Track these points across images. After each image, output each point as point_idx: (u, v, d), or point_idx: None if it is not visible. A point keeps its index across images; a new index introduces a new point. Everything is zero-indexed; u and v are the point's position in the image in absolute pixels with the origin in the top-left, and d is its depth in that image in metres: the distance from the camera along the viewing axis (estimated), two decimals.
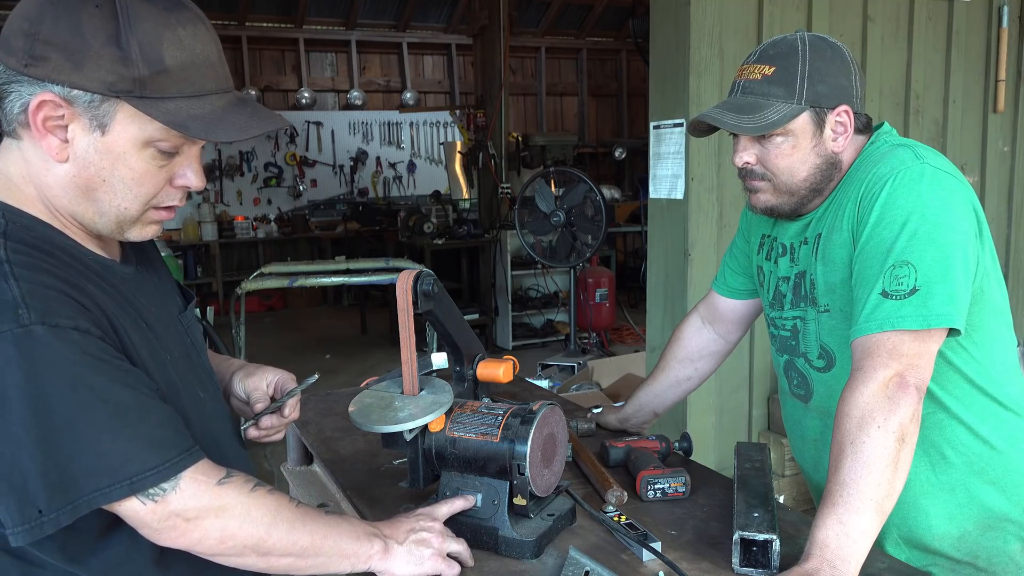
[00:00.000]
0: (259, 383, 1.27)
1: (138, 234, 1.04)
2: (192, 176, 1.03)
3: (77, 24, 0.91)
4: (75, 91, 0.92)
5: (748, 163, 1.41)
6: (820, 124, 1.37)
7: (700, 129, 1.46)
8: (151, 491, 0.91)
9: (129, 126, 0.95)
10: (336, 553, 1.06)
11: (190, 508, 0.94)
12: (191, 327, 1.19)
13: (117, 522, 0.96)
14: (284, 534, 1.01)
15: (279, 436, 1.29)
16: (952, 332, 1.24)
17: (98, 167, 0.96)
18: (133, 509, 0.92)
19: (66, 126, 0.94)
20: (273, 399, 1.27)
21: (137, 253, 1.14)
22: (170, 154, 0.99)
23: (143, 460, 0.91)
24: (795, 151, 1.37)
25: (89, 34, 0.91)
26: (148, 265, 1.16)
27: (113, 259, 1.07)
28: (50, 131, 0.94)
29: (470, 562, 1.21)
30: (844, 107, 1.37)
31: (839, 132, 1.38)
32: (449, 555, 1.18)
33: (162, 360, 1.04)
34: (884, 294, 1.23)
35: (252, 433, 1.25)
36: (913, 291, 1.22)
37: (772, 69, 1.35)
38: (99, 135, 0.95)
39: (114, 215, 1.00)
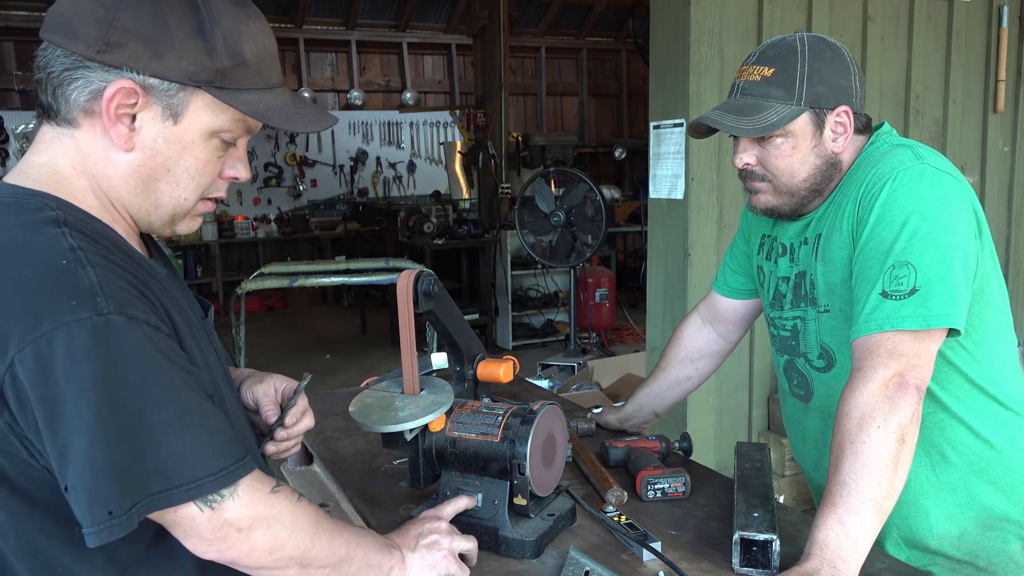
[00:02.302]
0: (268, 390, 1.25)
1: (187, 226, 1.04)
2: (241, 168, 1.04)
3: (159, 13, 0.91)
4: (152, 79, 0.92)
5: (748, 164, 1.41)
6: (820, 125, 1.37)
7: (700, 131, 1.46)
8: (209, 497, 0.88)
9: (202, 115, 0.96)
10: (365, 563, 1.05)
11: (245, 517, 0.91)
12: (211, 333, 1.17)
13: (160, 535, 0.93)
14: (326, 544, 0.99)
15: (296, 449, 1.26)
16: (952, 332, 1.24)
17: (165, 156, 0.96)
18: (189, 516, 0.88)
19: (134, 115, 0.93)
20: (282, 407, 1.25)
21: (161, 260, 1.12)
22: (229, 144, 1.01)
23: (204, 465, 0.87)
24: (795, 152, 1.37)
25: (173, 24, 0.92)
26: (171, 269, 1.14)
27: (151, 261, 1.06)
28: (119, 119, 0.93)
29: (474, 560, 1.21)
30: (844, 107, 1.37)
31: (839, 132, 1.38)
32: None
33: (208, 361, 1.03)
34: (884, 294, 1.23)
35: (270, 449, 1.22)
36: (913, 291, 1.22)
37: (771, 70, 1.35)
38: (171, 124, 0.95)
39: (171, 206, 1.00)
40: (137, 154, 0.95)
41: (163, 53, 0.92)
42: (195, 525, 0.89)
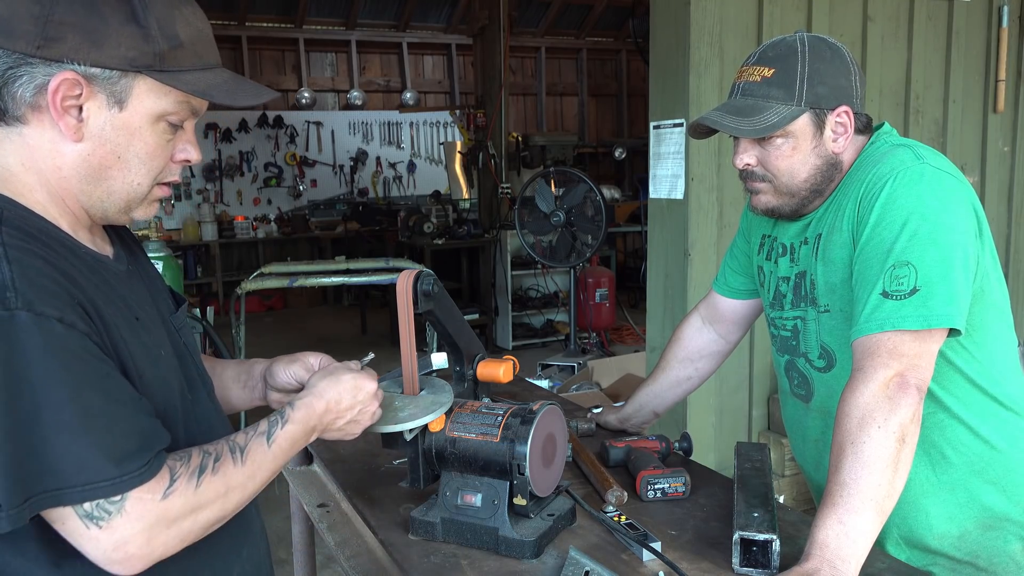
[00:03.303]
0: (306, 364, 1.27)
1: (143, 213, 1.06)
2: (192, 150, 1.07)
3: (92, 4, 0.94)
4: (94, 69, 0.95)
5: (749, 165, 1.41)
6: (820, 125, 1.37)
7: (700, 131, 1.46)
8: (95, 514, 0.87)
9: (146, 100, 0.98)
10: (283, 465, 1.08)
11: (139, 531, 0.90)
12: (183, 329, 1.19)
13: None
14: (237, 496, 1.00)
15: None
16: (952, 332, 1.24)
17: (114, 144, 0.99)
18: (88, 536, 0.87)
19: (80, 106, 0.96)
20: None
21: (129, 255, 1.14)
22: (176, 127, 1.03)
23: (98, 469, 0.87)
24: (795, 152, 1.37)
25: (107, 13, 0.95)
26: (139, 266, 1.16)
27: (106, 256, 1.07)
28: (66, 111, 0.95)
29: None
30: (844, 108, 1.37)
31: (839, 133, 1.38)
32: None
33: (155, 356, 1.04)
34: (884, 294, 1.24)
35: None
36: (913, 291, 1.22)
37: (771, 71, 1.35)
38: (116, 111, 0.97)
39: (125, 193, 1.02)
40: (87, 144, 0.98)
41: (101, 42, 0.94)
42: (98, 546, 0.88)
